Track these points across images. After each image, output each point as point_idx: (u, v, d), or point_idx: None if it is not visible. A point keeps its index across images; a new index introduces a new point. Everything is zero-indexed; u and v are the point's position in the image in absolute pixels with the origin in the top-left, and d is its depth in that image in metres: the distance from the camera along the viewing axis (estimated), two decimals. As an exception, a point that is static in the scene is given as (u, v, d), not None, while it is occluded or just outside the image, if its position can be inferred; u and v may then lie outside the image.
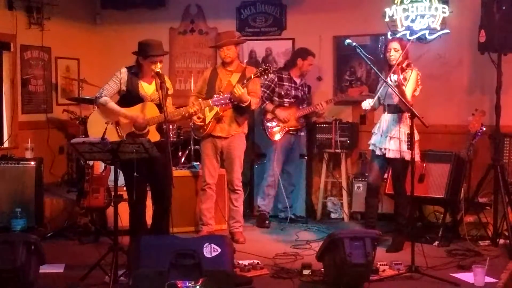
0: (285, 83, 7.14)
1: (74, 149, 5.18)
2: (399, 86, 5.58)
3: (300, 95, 7.25)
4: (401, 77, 5.64)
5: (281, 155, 7.18)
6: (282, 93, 7.13)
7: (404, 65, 5.86)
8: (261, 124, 7.20)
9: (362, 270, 4.80)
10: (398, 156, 5.88)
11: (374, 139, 6.11)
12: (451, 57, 7.31)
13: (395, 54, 5.88)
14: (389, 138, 5.93)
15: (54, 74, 8.26)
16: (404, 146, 5.80)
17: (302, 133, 7.35)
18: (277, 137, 7.12)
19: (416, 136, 5.84)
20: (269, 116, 7.13)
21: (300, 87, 7.26)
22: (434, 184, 6.42)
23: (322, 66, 7.87)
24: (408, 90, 5.77)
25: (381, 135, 6.01)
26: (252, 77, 6.17)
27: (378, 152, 6.04)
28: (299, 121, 7.20)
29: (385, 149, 5.95)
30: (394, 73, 5.67)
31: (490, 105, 6.69)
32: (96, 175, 6.38)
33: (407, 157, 5.75)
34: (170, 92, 5.60)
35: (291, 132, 7.19)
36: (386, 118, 6.03)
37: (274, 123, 7.13)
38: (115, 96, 5.57)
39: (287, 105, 7.16)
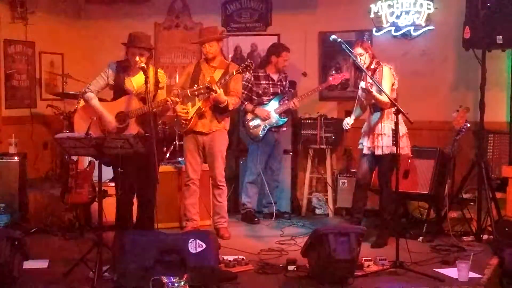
0: (262, 82, 7.09)
1: (59, 145, 5.16)
2: (368, 91, 5.75)
3: (279, 91, 7.23)
4: (369, 84, 5.75)
5: (263, 153, 7.16)
6: (260, 91, 7.08)
7: (372, 66, 5.94)
8: (243, 125, 7.16)
9: (347, 265, 4.81)
10: (387, 152, 5.91)
11: (362, 139, 6.18)
12: (435, 53, 7.34)
13: (361, 58, 5.94)
14: (377, 135, 5.98)
15: (38, 69, 8.17)
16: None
17: (284, 129, 7.33)
18: (260, 135, 7.09)
19: (404, 129, 5.91)
20: (249, 116, 7.08)
21: (278, 83, 7.23)
22: (419, 180, 6.44)
23: (307, 62, 7.87)
24: (386, 86, 5.85)
25: (369, 134, 6.05)
26: (234, 73, 6.14)
27: (366, 151, 6.08)
28: (280, 117, 7.16)
29: (375, 147, 5.99)
30: (362, 80, 5.90)
31: (474, 102, 6.71)
32: (81, 171, 6.35)
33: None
34: (162, 85, 5.64)
35: (273, 129, 7.16)
36: (371, 117, 6.10)
37: (255, 123, 7.09)
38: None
39: (267, 102, 7.15)
